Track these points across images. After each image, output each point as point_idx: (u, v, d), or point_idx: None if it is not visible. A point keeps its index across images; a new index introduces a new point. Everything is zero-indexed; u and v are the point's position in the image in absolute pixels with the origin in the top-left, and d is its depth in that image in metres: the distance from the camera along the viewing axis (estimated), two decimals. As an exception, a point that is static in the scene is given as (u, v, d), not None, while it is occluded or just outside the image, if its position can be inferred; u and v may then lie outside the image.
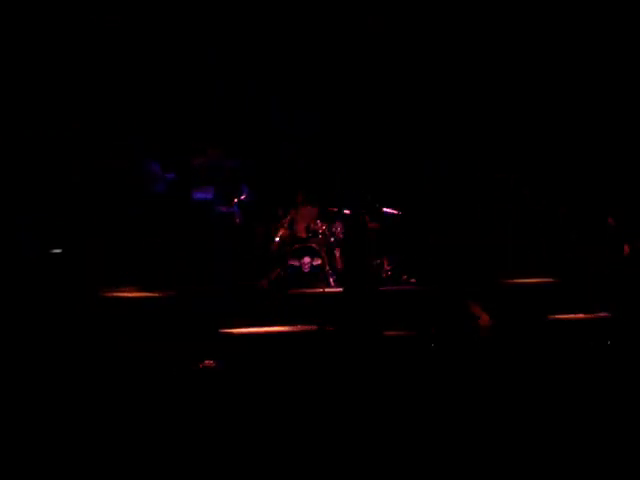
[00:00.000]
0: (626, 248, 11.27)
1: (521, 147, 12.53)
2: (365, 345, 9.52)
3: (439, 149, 12.87)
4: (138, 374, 8.31)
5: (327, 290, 11.93)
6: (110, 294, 10.89)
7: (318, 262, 12.20)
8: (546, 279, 11.44)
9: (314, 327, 10.20)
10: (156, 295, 11.07)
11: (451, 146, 12.83)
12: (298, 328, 10.44)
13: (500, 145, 12.65)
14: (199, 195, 12.55)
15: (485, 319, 10.46)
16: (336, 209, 12.71)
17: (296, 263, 12.16)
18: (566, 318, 10.58)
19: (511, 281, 11.67)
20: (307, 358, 9.15)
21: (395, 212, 12.59)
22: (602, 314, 10.62)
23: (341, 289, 11.89)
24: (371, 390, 7.86)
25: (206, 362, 8.54)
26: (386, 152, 12.97)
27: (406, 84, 12.80)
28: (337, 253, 12.50)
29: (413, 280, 12.19)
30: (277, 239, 12.37)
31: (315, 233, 12.54)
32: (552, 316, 10.60)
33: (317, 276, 12.13)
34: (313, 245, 12.24)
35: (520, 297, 11.13)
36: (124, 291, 11.07)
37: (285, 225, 12.58)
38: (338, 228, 12.56)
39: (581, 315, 10.64)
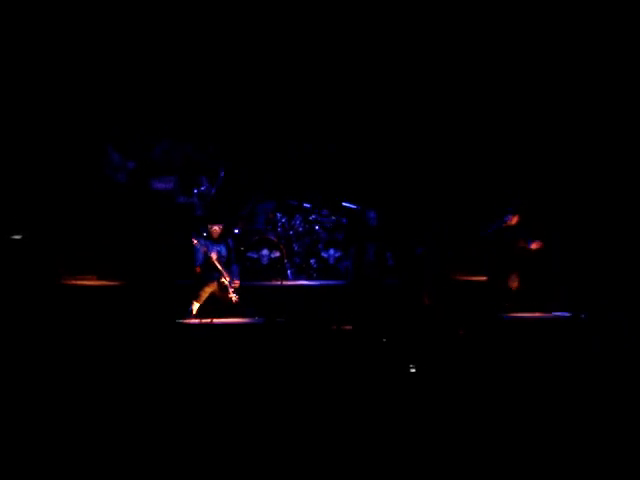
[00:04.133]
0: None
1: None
2: (316, 337, 9.63)
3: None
4: (99, 361, 8.38)
5: (285, 283, 12.03)
6: (69, 282, 10.93)
7: (276, 255, 12.26)
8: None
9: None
10: (115, 284, 11.12)
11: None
12: (252, 320, 10.58)
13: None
14: (159, 185, 12.58)
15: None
16: (296, 202, 12.82)
17: (254, 255, 12.23)
18: (524, 317, 10.81)
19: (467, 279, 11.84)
20: (260, 349, 9.26)
21: (354, 207, 12.68)
22: (560, 314, 10.85)
23: (298, 282, 12.05)
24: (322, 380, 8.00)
25: None
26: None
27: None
28: (295, 246, 12.64)
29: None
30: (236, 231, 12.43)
31: (274, 226, 12.64)
32: (510, 314, 10.82)
33: (275, 268, 12.21)
34: (272, 238, 12.31)
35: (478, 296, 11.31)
36: (83, 279, 11.10)
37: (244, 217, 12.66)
38: (297, 221, 12.69)
39: (538, 314, 10.87)
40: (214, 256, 10.65)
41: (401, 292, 11.32)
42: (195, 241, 10.64)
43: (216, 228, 10.87)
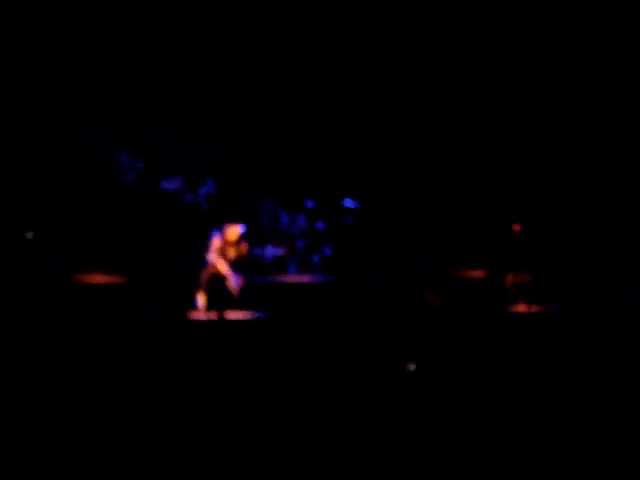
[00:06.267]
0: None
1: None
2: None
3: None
4: (108, 359, 8.66)
5: (287, 279, 12.31)
6: (81, 279, 11.19)
7: (280, 252, 12.54)
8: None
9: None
10: (124, 281, 11.38)
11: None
12: (258, 316, 10.86)
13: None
14: (167, 185, 12.87)
15: (436, 300, 10.93)
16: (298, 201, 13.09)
17: (259, 252, 12.49)
18: (522, 311, 11.04)
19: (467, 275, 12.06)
20: (264, 345, 9.57)
21: (355, 205, 12.94)
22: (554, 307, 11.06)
23: (302, 279, 12.33)
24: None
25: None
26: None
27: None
28: (298, 243, 12.91)
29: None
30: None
31: (278, 223, 12.90)
32: (509, 308, 11.09)
33: (279, 265, 12.48)
34: (276, 235, 12.58)
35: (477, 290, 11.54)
36: (94, 276, 11.37)
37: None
38: (300, 219, 12.96)
39: (536, 308, 11.09)
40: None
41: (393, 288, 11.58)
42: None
43: (234, 232, 10.95)
